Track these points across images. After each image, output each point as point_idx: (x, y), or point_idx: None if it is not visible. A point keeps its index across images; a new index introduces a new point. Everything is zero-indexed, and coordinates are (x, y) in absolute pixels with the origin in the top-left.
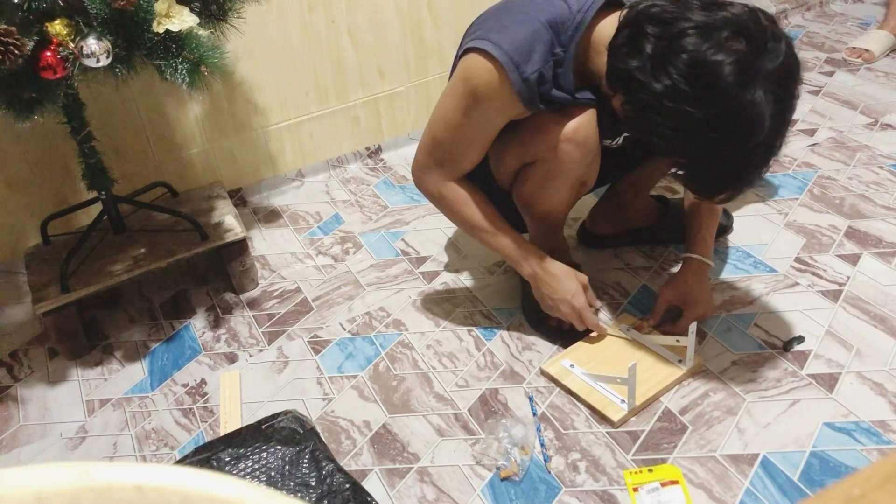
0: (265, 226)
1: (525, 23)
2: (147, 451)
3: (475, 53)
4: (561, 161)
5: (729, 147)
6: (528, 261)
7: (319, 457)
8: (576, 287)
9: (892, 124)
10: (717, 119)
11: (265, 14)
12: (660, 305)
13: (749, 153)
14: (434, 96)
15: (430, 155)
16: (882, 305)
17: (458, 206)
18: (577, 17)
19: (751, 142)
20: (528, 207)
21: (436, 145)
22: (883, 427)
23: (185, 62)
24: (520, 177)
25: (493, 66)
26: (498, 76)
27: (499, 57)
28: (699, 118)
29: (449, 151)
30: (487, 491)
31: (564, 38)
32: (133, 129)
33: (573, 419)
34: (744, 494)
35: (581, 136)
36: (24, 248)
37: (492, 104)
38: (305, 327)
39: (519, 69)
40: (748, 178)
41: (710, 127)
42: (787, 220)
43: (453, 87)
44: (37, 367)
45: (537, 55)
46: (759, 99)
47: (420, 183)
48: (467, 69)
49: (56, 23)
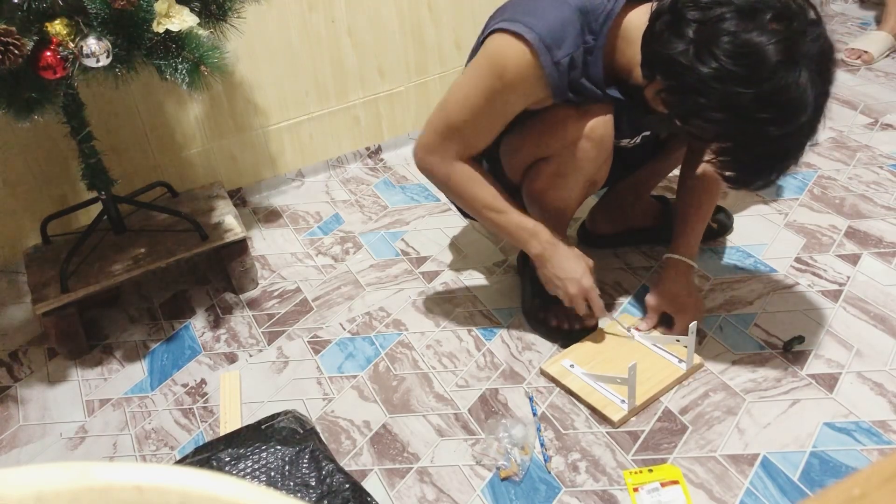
0: (265, 226)
1: (557, 7)
2: (147, 451)
3: (505, 34)
4: (576, 158)
5: (774, 127)
6: (537, 239)
7: (319, 457)
8: (584, 268)
9: (892, 124)
10: (764, 98)
11: (265, 14)
12: (650, 315)
13: (791, 134)
14: (434, 96)
15: (441, 135)
16: (882, 305)
17: (466, 186)
18: (608, 5)
19: (795, 122)
20: (538, 203)
21: (449, 125)
22: (883, 427)
23: (185, 62)
24: (531, 171)
25: (525, 47)
26: (529, 58)
27: (531, 39)
28: (746, 98)
29: (462, 133)
30: (487, 491)
31: (595, 27)
32: (133, 129)
33: (573, 419)
34: (744, 494)
35: (598, 135)
36: (24, 248)
37: (517, 88)
38: (305, 327)
39: (551, 52)
40: (788, 160)
41: (757, 107)
42: (787, 220)
43: (477, 67)
44: (37, 367)
45: (569, 40)
46: (803, 79)
47: (424, 164)
48: (496, 49)
49: (56, 23)
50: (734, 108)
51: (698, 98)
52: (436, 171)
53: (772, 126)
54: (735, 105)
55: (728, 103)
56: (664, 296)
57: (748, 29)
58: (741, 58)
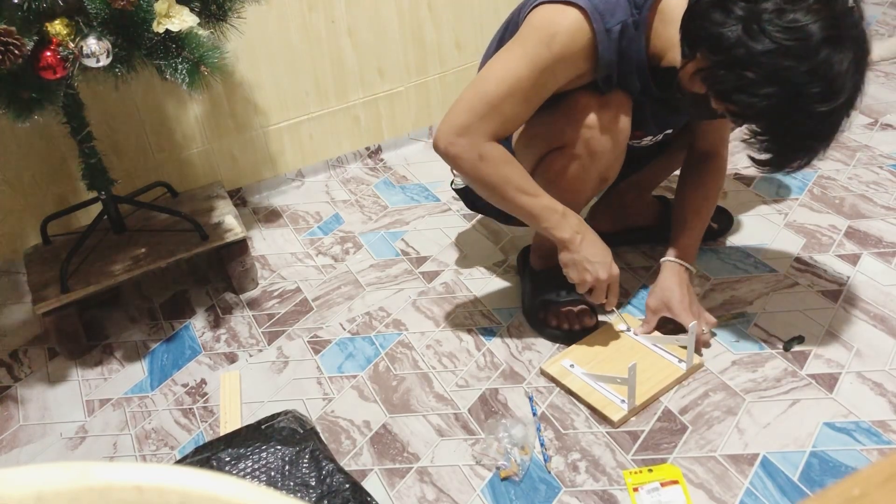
0: (265, 226)
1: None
2: (147, 451)
3: (553, 4)
4: (592, 149)
5: (820, 102)
6: (568, 222)
7: (319, 457)
8: (611, 255)
9: (892, 124)
10: (814, 72)
11: (265, 14)
12: (648, 318)
13: (834, 111)
14: (434, 96)
15: (477, 113)
16: (882, 305)
17: (499, 167)
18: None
19: (838, 98)
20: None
21: (488, 102)
22: (883, 427)
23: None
24: (544, 162)
25: (577, 12)
26: (581, 23)
27: (583, 4)
28: (798, 72)
29: (500, 110)
30: (487, 491)
31: (639, 2)
32: (133, 129)
33: (573, 419)
34: (744, 494)
35: (616, 127)
36: (24, 248)
37: (566, 58)
38: (305, 327)
39: (603, 19)
40: (825, 140)
41: (807, 81)
42: (787, 220)
43: (521, 40)
44: (37, 367)
45: (620, 10)
46: (846, 58)
47: (454, 148)
48: (545, 18)
49: (56, 23)
50: (784, 82)
51: (746, 73)
52: (465, 155)
53: (818, 101)
54: (785, 79)
55: (778, 77)
56: (662, 300)
57: (796, 7)
58: (790, 32)
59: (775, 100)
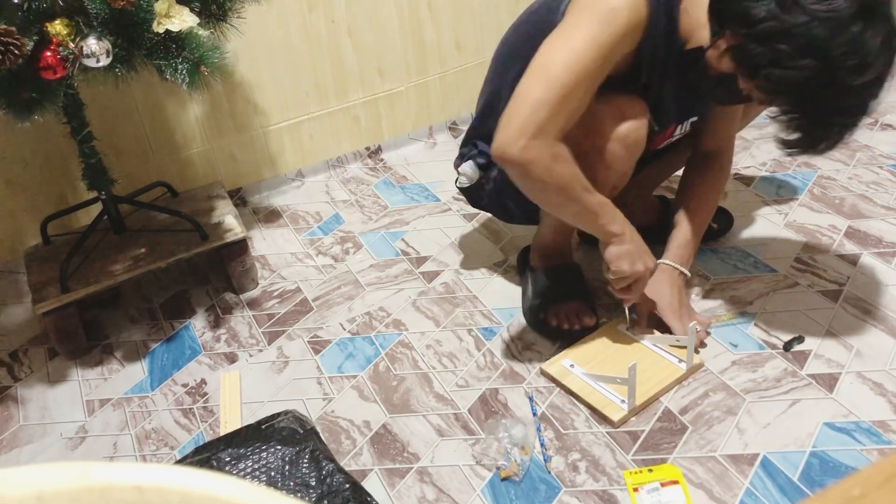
0: (265, 226)
1: None
2: (147, 451)
3: None
4: (606, 160)
5: (854, 75)
6: (617, 215)
7: (319, 457)
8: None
9: (892, 124)
10: (846, 44)
11: (265, 14)
12: (641, 320)
13: (865, 86)
14: (434, 96)
15: (553, 109)
16: (882, 305)
17: (570, 166)
18: None
19: (872, 73)
20: None
21: (561, 95)
22: (883, 427)
23: (185, 62)
24: None
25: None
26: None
27: None
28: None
29: (569, 100)
30: (487, 491)
31: None
32: (133, 128)
33: (573, 419)
34: (744, 494)
35: (631, 140)
36: (24, 248)
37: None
38: (305, 327)
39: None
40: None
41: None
42: (787, 220)
43: (576, 20)
44: (37, 367)
45: None
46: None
47: (528, 151)
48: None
49: (56, 23)
50: (819, 54)
51: (780, 45)
52: (541, 157)
53: (852, 74)
54: (820, 50)
55: (813, 49)
56: (650, 303)
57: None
58: (825, 3)
59: (809, 72)
